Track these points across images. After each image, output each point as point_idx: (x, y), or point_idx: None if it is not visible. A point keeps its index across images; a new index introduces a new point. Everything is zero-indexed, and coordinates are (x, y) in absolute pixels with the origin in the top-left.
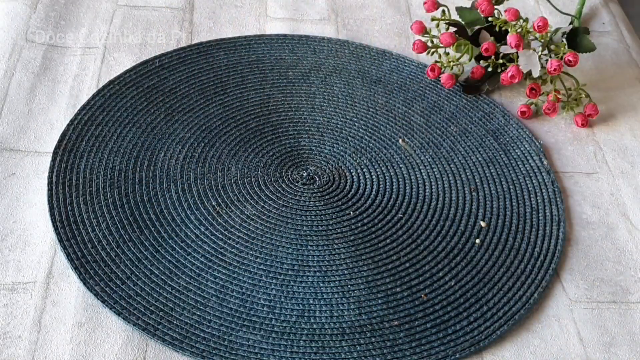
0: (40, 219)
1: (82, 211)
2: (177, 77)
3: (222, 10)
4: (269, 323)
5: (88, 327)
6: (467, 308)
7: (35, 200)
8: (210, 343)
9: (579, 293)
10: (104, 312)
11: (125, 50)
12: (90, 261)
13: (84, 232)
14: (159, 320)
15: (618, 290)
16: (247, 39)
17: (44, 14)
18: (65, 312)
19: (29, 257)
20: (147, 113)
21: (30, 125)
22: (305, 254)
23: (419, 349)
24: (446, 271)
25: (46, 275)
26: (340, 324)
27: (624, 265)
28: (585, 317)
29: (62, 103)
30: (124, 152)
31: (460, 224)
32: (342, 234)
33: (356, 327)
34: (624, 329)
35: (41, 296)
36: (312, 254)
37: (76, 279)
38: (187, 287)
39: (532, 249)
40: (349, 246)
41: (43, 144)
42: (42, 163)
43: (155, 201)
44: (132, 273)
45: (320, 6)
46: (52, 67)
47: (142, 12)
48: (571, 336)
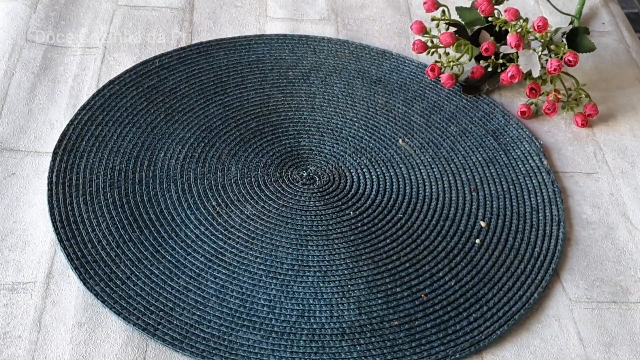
0: (40, 219)
1: (82, 211)
2: (177, 77)
3: (222, 10)
4: (269, 323)
5: (88, 327)
6: (467, 308)
7: (35, 200)
8: (210, 343)
9: (579, 293)
10: (104, 312)
11: (125, 50)
12: (90, 261)
13: (84, 232)
14: (159, 320)
15: (618, 290)
16: (247, 39)
17: (44, 14)
18: (65, 312)
19: (29, 257)
20: (147, 113)
21: (30, 125)
22: (305, 254)
23: (419, 349)
24: (446, 271)
25: (46, 275)
26: (340, 324)
27: (624, 265)
28: (585, 317)
29: (62, 103)
30: (124, 152)
31: (460, 224)
32: (342, 234)
33: (356, 327)
34: (624, 329)
35: (41, 296)
36: (312, 254)
37: (76, 279)
38: (187, 287)
39: (532, 249)
40: (349, 246)
41: (43, 144)
42: (42, 163)
43: (155, 201)
44: (132, 273)
45: (320, 6)
46: (52, 67)
47: (142, 12)
48: (571, 336)
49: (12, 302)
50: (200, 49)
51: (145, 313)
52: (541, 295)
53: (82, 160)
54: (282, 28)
